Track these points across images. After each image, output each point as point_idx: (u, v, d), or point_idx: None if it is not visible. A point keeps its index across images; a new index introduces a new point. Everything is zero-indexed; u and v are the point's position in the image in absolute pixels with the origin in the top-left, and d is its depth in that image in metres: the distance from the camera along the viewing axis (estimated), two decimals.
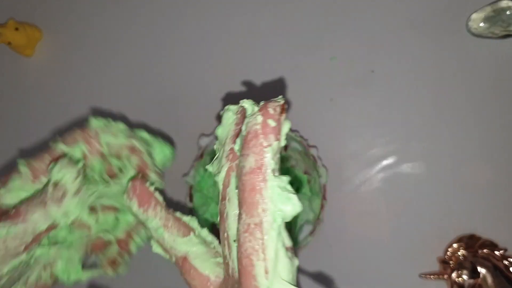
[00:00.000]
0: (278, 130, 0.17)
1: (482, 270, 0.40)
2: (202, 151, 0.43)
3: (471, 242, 0.41)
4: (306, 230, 0.42)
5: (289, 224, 0.46)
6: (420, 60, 0.44)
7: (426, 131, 0.44)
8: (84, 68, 0.51)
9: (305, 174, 0.44)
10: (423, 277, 0.42)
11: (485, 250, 0.41)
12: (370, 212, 0.44)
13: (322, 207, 0.42)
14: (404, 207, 0.44)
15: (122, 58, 0.50)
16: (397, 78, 0.45)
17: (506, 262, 0.40)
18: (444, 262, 0.42)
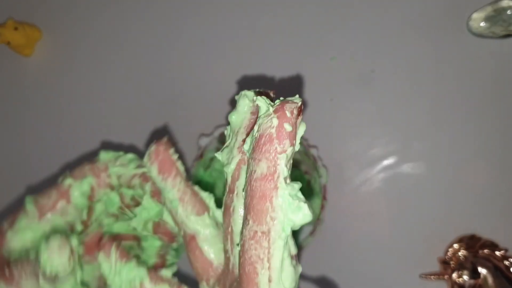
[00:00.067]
0: (294, 135, 0.17)
1: (482, 271, 0.40)
2: (202, 151, 0.43)
3: (471, 242, 0.41)
4: (306, 231, 0.42)
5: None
6: (420, 60, 0.44)
7: (427, 131, 0.44)
8: (83, 68, 0.51)
9: (305, 174, 0.44)
10: (423, 277, 0.42)
11: (485, 251, 0.41)
12: (371, 212, 0.44)
13: (322, 207, 0.42)
14: (404, 207, 0.44)
15: (122, 58, 0.50)
16: (397, 78, 0.44)
17: (506, 263, 0.40)
18: (445, 263, 0.41)
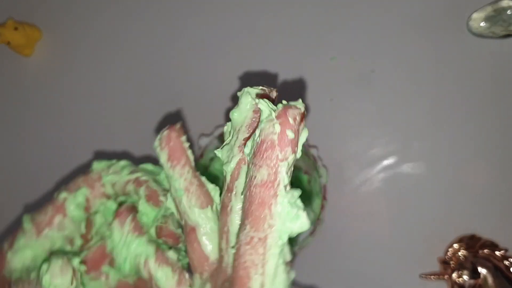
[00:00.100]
0: (296, 142, 0.16)
1: (482, 271, 0.40)
2: (202, 151, 0.43)
3: (471, 242, 0.41)
4: (306, 231, 0.42)
5: None
6: (420, 60, 0.44)
7: (427, 131, 0.44)
8: (83, 68, 0.51)
9: (305, 174, 0.44)
10: (423, 277, 0.42)
11: (485, 251, 0.41)
12: (371, 212, 0.44)
13: (322, 207, 0.42)
14: (404, 207, 0.44)
15: (122, 58, 0.50)
16: (397, 78, 0.44)
17: (506, 263, 0.40)
18: (445, 263, 0.41)
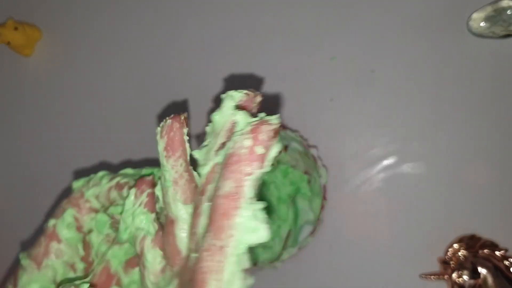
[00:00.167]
0: (265, 158, 0.17)
1: (482, 271, 0.40)
2: None
3: (471, 242, 0.41)
4: (306, 231, 0.42)
5: (289, 226, 0.45)
6: (420, 60, 0.44)
7: (427, 131, 0.44)
8: (83, 68, 0.51)
9: (305, 174, 0.44)
10: (423, 277, 0.42)
11: (485, 251, 0.41)
12: (371, 212, 0.44)
13: (322, 207, 0.42)
14: (404, 207, 0.44)
15: (122, 58, 0.50)
16: (397, 78, 0.44)
17: (506, 263, 0.40)
18: (445, 263, 0.41)
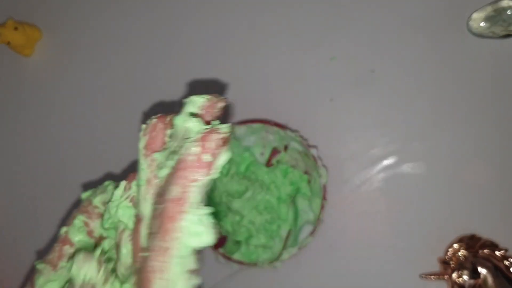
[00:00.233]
0: (212, 165, 0.17)
1: (482, 271, 0.40)
2: None
3: (471, 242, 0.41)
4: (306, 230, 0.42)
5: (290, 225, 0.45)
6: (420, 59, 0.44)
7: (427, 131, 0.44)
8: (83, 68, 0.51)
9: (305, 174, 0.44)
10: (423, 277, 0.42)
11: (485, 251, 0.41)
12: (371, 212, 0.44)
13: (322, 207, 0.42)
14: (404, 207, 0.44)
15: (121, 58, 0.50)
16: (397, 78, 0.44)
17: (506, 263, 0.40)
18: (445, 263, 0.41)
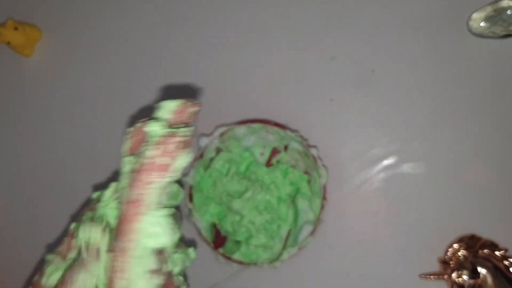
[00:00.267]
0: (170, 167, 0.18)
1: (482, 271, 0.40)
2: (202, 151, 0.43)
3: (471, 242, 0.41)
4: (306, 230, 0.42)
5: (289, 225, 0.45)
6: (420, 59, 0.44)
7: (427, 131, 0.44)
8: (83, 68, 0.51)
9: (305, 174, 0.44)
10: (423, 277, 0.42)
11: (485, 251, 0.41)
12: (371, 212, 0.44)
13: (322, 207, 0.42)
14: (404, 207, 0.44)
15: (122, 58, 0.50)
16: (397, 78, 0.45)
17: (506, 263, 0.40)
18: (445, 262, 0.42)
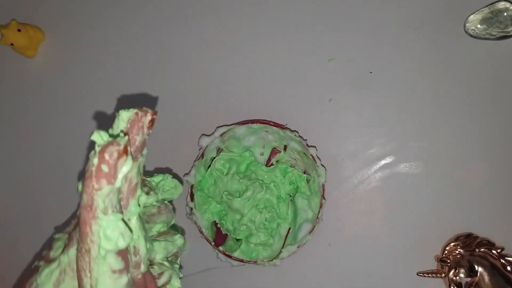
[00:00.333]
0: (111, 175, 0.19)
1: (479, 269, 0.40)
2: (203, 151, 0.44)
3: (468, 241, 0.42)
4: (305, 229, 0.43)
5: (289, 224, 0.46)
6: (418, 61, 0.45)
7: (424, 131, 0.44)
8: (86, 70, 0.51)
9: (304, 173, 0.45)
10: (420, 275, 0.43)
11: (482, 249, 0.41)
12: (369, 211, 0.45)
13: (321, 206, 0.42)
14: (402, 206, 0.44)
15: (124, 59, 0.50)
16: (395, 79, 0.45)
17: (503, 261, 0.41)
18: (442, 261, 0.42)
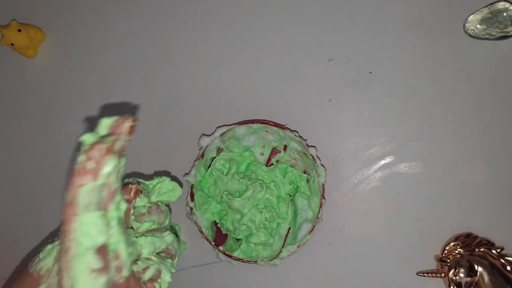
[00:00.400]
0: (96, 171, 0.19)
1: (479, 269, 0.40)
2: (203, 151, 0.44)
3: (468, 241, 0.42)
4: (305, 229, 0.43)
5: (289, 224, 0.46)
6: (417, 61, 0.45)
7: (424, 131, 0.44)
8: (86, 69, 0.51)
9: (304, 173, 0.45)
10: (420, 275, 0.43)
11: (482, 249, 0.41)
12: (368, 211, 0.45)
13: (321, 206, 0.42)
14: (401, 206, 0.44)
15: (124, 59, 0.50)
16: (395, 79, 0.45)
17: (502, 261, 0.41)
18: (442, 261, 0.42)
